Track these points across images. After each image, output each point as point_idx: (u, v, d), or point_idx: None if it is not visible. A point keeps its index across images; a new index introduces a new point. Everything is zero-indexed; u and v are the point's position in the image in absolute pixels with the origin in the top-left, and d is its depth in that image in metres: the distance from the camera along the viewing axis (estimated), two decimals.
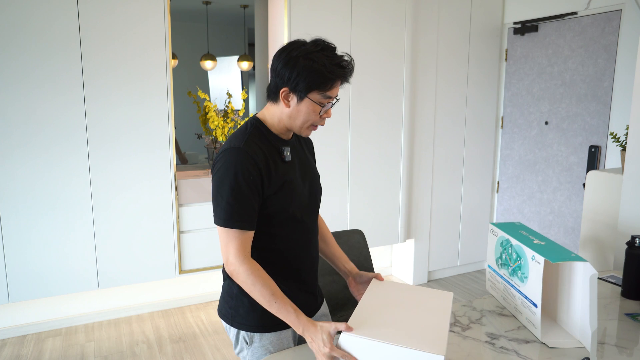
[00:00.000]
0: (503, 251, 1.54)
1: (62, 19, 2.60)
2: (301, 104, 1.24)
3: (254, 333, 1.32)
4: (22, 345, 2.84)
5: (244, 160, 1.20)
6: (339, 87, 1.26)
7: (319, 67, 1.19)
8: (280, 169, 1.28)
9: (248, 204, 1.21)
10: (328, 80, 1.21)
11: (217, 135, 3.22)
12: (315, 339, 1.16)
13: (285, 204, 1.28)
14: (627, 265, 1.63)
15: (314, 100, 1.23)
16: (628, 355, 1.27)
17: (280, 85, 1.24)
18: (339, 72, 1.22)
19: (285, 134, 1.33)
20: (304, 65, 1.20)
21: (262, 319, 1.30)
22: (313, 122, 1.27)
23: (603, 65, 3.15)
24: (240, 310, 1.32)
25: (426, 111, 3.63)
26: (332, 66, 1.20)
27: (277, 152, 1.30)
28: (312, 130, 1.31)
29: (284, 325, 1.31)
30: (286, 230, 1.31)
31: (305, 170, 1.39)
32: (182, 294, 3.41)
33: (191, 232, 3.07)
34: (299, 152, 1.39)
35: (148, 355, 2.76)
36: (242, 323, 1.33)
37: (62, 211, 2.72)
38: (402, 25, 3.42)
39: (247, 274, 1.21)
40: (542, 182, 3.63)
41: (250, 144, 1.23)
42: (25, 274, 2.69)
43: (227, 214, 1.20)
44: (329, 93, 1.23)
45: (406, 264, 3.85)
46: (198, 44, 6.46)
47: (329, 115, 1.29)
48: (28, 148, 2.62)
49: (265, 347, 1.32)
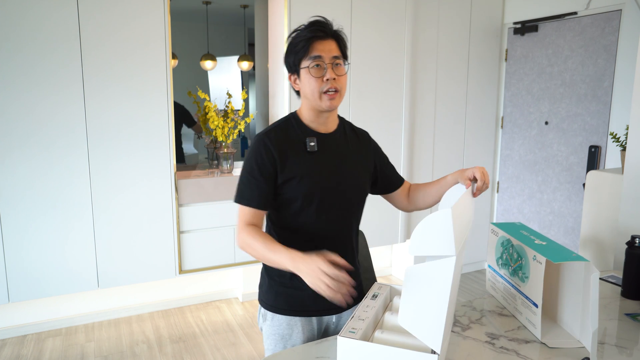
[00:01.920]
0: (504, 251, 1.54)
1: (62, 19, 2.60)
2: (301, 78, 1.33)
3: (267, 311, 1.41)
4: (22, 345, 2.84)
5: (260, 147, 1.32)
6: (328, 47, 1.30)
7: (294, 37, 1.33)
8: (302, 159, 1.34)
9: (258, 185, 1.31)
10: (302, 42, 1.29)
11: (217, 135, 3.22)
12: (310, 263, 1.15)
13: (302, 192, 1.33)
14: (627, 265, 1.62)
15: (305, 67, 1.30)
16: (628, 355, 1.27)
17: (288, 75, 1.37)
18: (310, 30, 1.29)
19: (319, 123, 1.38)
20: (287, 46, 1.35)
21: (277, 301, 1.40)
22: (319, 89, 1.30)
23: (603, 65, 3.15)
24: (263, 287, 1.45)
25: (426, 111, 3.63)
26: (303, 31, 1.31)
27: (302, 142, 1.36)
28: (331, 98, 1.31)
29: (295, 312, 1.39)
30: (308, 217, 1.36)
31: (340, 162, 1.40)
32: (182, 294, 3.41)
33: (191, 232, 3.07)
34: (340, 146, 1.41)
35: (148, 355, 2.76)
36: (262, 299, 1.44)
37: (62, 211, 2.72)
38: (402, 25, 3.42)
39: (245, 236, 1.29)
40: (542, 182, 3.63)
41: (271, 133, 1.34)
42: (25, 274, 2.69)
43: (239, 192, 1.34)
44: (312, 54, 1.29)
45: (406, 264, 3.85)
46: (198, 44, 6.46)
47: (332, 75, 1.30)
48: (28, 148, 2.62)
49: (275, 327, 1.40)
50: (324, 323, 1.45)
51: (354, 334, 1.15)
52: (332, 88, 1.30)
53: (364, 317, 1.21)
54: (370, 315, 1.22)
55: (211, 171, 3.32)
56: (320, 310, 1.41)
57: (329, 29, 1.33)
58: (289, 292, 1.39)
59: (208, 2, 5.36)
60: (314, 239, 1.37)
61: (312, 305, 1.39)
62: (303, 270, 1.17)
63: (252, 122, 3.92)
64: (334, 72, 1.30)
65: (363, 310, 1.25)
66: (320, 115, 1.37)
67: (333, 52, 1.31)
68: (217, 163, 3.42)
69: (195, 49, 6.36)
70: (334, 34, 1.34)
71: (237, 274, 3.53)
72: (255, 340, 2.95)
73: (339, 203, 1.40)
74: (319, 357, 1.25)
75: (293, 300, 1.39)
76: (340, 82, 1.33)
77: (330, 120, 1.40)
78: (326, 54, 1.30)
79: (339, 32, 1.36)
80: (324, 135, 1.39)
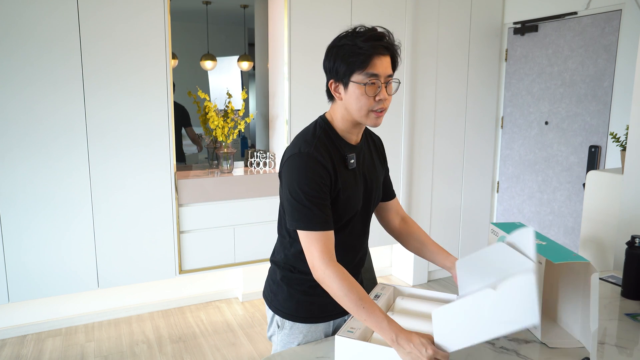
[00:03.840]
0: None
1: (62, 19, 2.60)
2: (348, 90, 1.22)
3: (285, 320, 1.36)
4: (22, 345, 2.84)
5: (315, 166, 1.21)
6: (385, 64, 1.21)
7: (350, 47, 1.18)
8: (343, 175, 1.27)
9: (325, 206, 1.22)
10: (361, 56, 1.17)
11: (217, 135, 3.22)
12: (414, 343, 1.09)
13: (341, 210, 1.27)
14: (627, 265, 1.62)
15: (358, 82, 1.19)
16: (628, 355, 1.27)
17: (328, 79, 1.26)
18: (370, 44, 1.17)
19: (352, 134, 1.31)
20: (337, 50, 1.21)
21: (298, 310, 1.35)
22: (368, 107, 1.22)
23: (603, 65, 3.15)
24: (279, 296, 1.38)
25: (426, 111, 3.63)
26: (362, 42, 1.18)
27: (342, 158, 1.28)
28: (377, 116, 1.24)
29: (317, 319, 1.36)
30: (342, 233, 1.31)
31: (369, 176, 1.37)
32: (182, 294, 3.41)
33: (191, 232, 3.07)
34: (365, 158, 1.37)
35: (148, 355, 2.76)
36: (278, 308, 1.38)
37: (61, 211, 2.72)
38: (402, 25, 3.42)
39: (332, 278, 1.18)
40: (542, 182, 3.63)
41: (319, 149, 1.23)
42: (25, 274, 2.69)
43: (306, 218, 1.21)
44: (369, 71, 1.18)
45: (406, 264, 3.85)
46: (198, 44, 6.46)
47: (385, 96, 1.22)
48: (27, 148, 2.61)
49: (295, 335, 1.36)
50: (337, 323, 1.43)
51: (351, 334, 1.15)
52: (382, 108, 1.23)
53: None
54: None
55: (211, 171, 3.32)
56: (339, 313, 1.38)
57: (390, 45, 1.22)
58: (311, 300, 1.35)
59: (208, 2, 5.36)
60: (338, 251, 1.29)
61: (333, 309, 1.33)
62: (403, 343, 1.09)
63: (252, 122, 3.91)
64: (386, 92, 1.23)
65: None
66: (356, 127, 1.30)
67: (388, 70, 1.22)
68: (217, 163, 3.42)
69: (195, 49, 6.36)
70: (392, 49, 1.24)
71: (237, 274, 3.53)
72: (255, 340, 2.95)
73: (367, 215, 1.39)
74: (319, 357, 1.26)
75: (315, 307, 1.35)
76: (389, 102, 1.26)
77: (360, 131, 1.34)
78: (383, 72, 1.20)
79: (396, 48, 1.26)
80: (356, 148, 1.33)
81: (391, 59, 1.24)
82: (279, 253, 1.39)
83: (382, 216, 1.55)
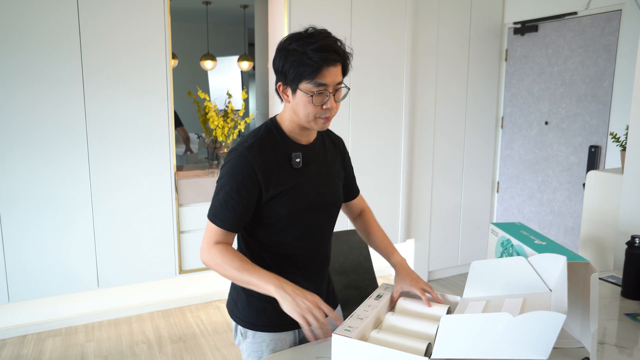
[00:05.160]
0: (504, 251, 1.54)
1: (62, 19, 2.60)
2: (296, 96, 1.20)
3: (247, 329, 1.34)
4: (22, 345, 2.84)
5: (242, 164, 1.21)
6: (335, 73, 1.18)
7: (300, 54, 1.14)
8: (287, 174, 1.26)
9: (235, 207, 1.22)
10: (310, 67, 1.14)
11: (217, 135, 3.22)
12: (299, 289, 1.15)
13: (288, 209, 1.26)
14: (627, 265, 1.62)
15: (305, 91, 1.17)
16: (628, 355, 1.27)
17: (276, 80, 1.24)
18: (320, 56, 1.14)
19: (301, 135, 1.30)
20: (286, 54, 1.17)
21: (257, 317, 1.32)
22: (315, 114, 1.20)
23: (603, 65, 3.15)
24: (239, 304, 1.36)
25: (426, 111, 3.63)
26: (313, 52, 1.14)
27: (287, 157, 1.27)
28: (324, 121, 1.23)
29: (278, 328, 1.32)
30: (290, 235, 1.30)
31: (321, 176, 1.34)
32: (182, 294, 3.41)
33: (191, 232, 3.07)
34: (319, 158, 1.35)
35: (148, 355, 2.76)
36: (239, 317, 1.35)
37: (62, 211, 2.72)
38: (402, 25, 3.42)
39: (214, 254, 1.22)
40: (542, 182, 3.64)
41: (254, 148, 1.23)
42: (25, 274, 2.69)
43: (213, 209, 1.24)
44: (318, 80, 1.16)
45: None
46: (198, 44, 6.46)
47: (332, 105, 1.20)
48: (27, 147, 2.62)
49: (259, 344, 1.33)
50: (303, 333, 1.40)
51: (348, 332, 1.15)
52: (327, 116, 1.22)
53: (363, 317, 1.21)
54: (370, 315, 1.22)
55: (211, 171, 3.32)
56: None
57: (341, 53, 1.19)
58: (270, 307, 1.29)
59: (208, 2, 5.36)
60: (293, 255, 1.32)
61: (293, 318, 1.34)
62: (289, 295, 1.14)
63: (252, 122, 3.92)
64: (334, 100, 1.21)
65: (364, 310, 1.25)
66: (305, 129, 1.29)
67: (338, 77, 1.20)
68: (217, 163, 3.42)
69: (195, 49, 6.36)
70: (343, 56, 1.21)
71: None
72: None
73: (322, 217, 1.36)
74: (319, 357, 1.26)
75: (275, 315, 1.28)
76: (337, 108, 1.24)
77: (313, 132, 1.33)
78: (331, 81, 1.18)
79: (347, 53, 1.23)
80: (306, 148, 1.31)
81: (342, 65, 1.22)
82: None
83: (346, 211, 1.57)
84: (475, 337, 1.03)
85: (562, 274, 1.15)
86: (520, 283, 1.25)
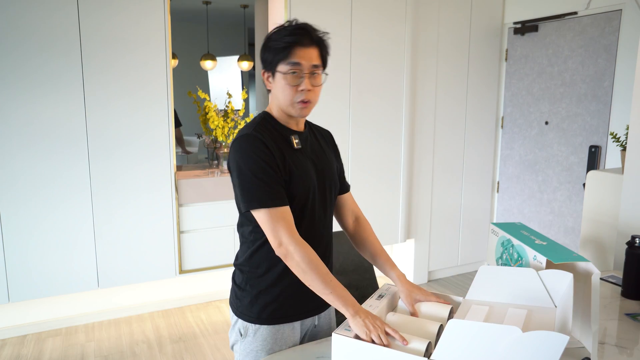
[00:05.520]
0: (504, 251, 1.54)
1: (62, 19, 2.60)
2: (275, 80, 1.28)
3: (249, 325, 1.33)
4: (22, 345, 2.84)
5: (258, 143, 1.24)
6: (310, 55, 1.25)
7: (277, 41, 1.26)
8: (291, 156, 1.29)
9: (276, 181, 1.23)
10: (284, 49, 1.24)
11: (217, 135, 3.22)
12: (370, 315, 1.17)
13: (296, 192, 1.28)
14: (627, 265, 1.63)
15: (281, 72, 1.25)
16: (628, 355, 1.27)
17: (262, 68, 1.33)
18: (292, 37, 1.24)
19: (290, 123, 1.34)
20: (267, 43, 1.28)
21: (262, 312, 1.33)
22: (292, 97, 1.26)
23: (603, 65, 3.15)
24: (244, 300, 1.35)
25: (426, 111, 3.63)
26: (286, 35, 1.25)
27: (286, 140, 1.31)
28: (302, 107, 1.28)
29: (281, 319, 1.33)
30: (301, 216, 1.31)
31: (319, 159, 1.38)
32: (182, 294, 3.41)
33: (191, 232, 3.07)
34: (311, 142, 1.39)
35: (148, 355, 2.76)
36: (244, 313, 1.35)
37: (62, 210, 2.72)
38: (403, 25, 3.42)
39: (300, 252, 1.20)
40: (542, 182, 3.64)
41: (258, 131, 1.27)
42: (25, 274, 2.69)
43: (261, 195, 1.21)
44: (292, 60, 1.23)
45: (406, 264, 3.85)
46: (198, 44, 6.46)
47: (307, 86, 1.25)
48: (27, 147, 2.61)
49: (258, 342, 1.33)
50: (307, 326, 1.41)
51: (349, 332, 1.15)
52: (305, 99, 1.26)
53: None
54: None
55: (211, 171, 3.32)
56: (307, 312, 1.38)
57: (314, 36, 1.27)
58: (274, 299, 1.33)
59: (208, 2, 5.36)
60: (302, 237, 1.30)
61: (300, 308, 1.35)
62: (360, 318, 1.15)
63: None
64: (310, 83, 1.26)
65: None
66: (292, 117, 1.33)
67: (314, 60, 1.26)
68: (217, 163, 3.42)
69: (195, 49, 6.36)
70: (318, 41, 1.28)
71: None
72: None
73: (325, 200, 1.38)
74: (319, 357, 1.26)
75: (279, 305, 1.33)
76: (315, 93, 1.29)
77: (301, 120, 1.38)
78: (306, 62, 1.25)
79: (324, 40, 1.30)
80: (300, 133, 1.36)
81: (319, 50, 1.29)
82: (242, 255, 1.37)
83: (336, 211, 1.54)
84: (478, 345, 1.03)
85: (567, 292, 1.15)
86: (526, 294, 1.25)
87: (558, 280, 1.21)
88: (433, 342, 1.14)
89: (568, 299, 1.13)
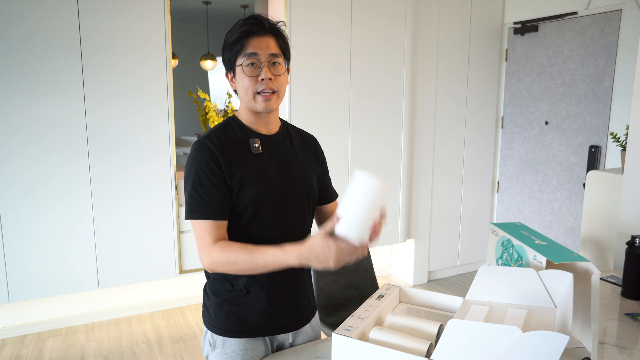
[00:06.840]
0: (504, 251, 1.54)
1: (62, 20, 2.60)
2: (236, 76, 1.25)
3: (217, 337, 1.29)
4: (22, 345, 2.84)
5: (204, 152, 1.21)
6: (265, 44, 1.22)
7: (230, 34, 1.25)
8: (247, 160, 1.24)
9: (211, 194, 1.19)
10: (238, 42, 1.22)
11: None
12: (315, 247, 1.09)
13: (249, 198, 1.22)
14: (627, 265, 1.63)
15: (241, 65, 1.22)
16: (628, 355, 1.27)
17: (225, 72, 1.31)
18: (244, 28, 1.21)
19: (258, 124, 1.29)
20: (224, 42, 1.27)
21: (227, 322, 1.27)
22: (253, 89, 1.22)
23: (603, 65, 3.15)
24: (211, 309, 1.31)
25: (426, 111, 3.63)
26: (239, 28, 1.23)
27: (245, 144, 1.26)
28: (266, 99, 1.23)
29: (248, 333, 1.27)
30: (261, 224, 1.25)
31: (287, 164, 1.31)
32: (182, 294, 3.41)
33: (191, 232, 3.07)
34: (282, 146, 1.32)
35: (148, 355, 2.76)
36: (210, 323, 1.30)
37: (62, 210, 2.72)
38: (402, 25, 3.42)
39: (218, 254, 1.16)
40: (542, 182, 3.64)
41: (211, 138, 1.23)
42: (25, 274, 2.69)
43: (191, 206, 1.20)
44: (247, 50, 1.21)
45: (406, 264, 3.85)
46: (198, 44, 6.46)
47: (267, 75, 1.21)
48: (27, 147, 2.61)
49: (229, 354, 1.27)
50: (278, 341, 1.35)
51: (349, 332, 1.15)
52: (267, 89, 1.21)
53: (363, 317, 1.20)
54: (371, 315, 1.22)
55: None
56: (278, 328, 1.31)
57: (266, 23, 1.24)
58: (241, 312, 1.27)
59: (208, 2, 5.36)
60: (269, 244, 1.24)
61: (267, 324, 1.29)
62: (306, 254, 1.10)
63: None
64: (270, 72, 1.22)
65: (364, 310, 1.25)
66: (259, 117, 1.28)
67: (271, 49, 1.22)
68: None
69: (195, 49, 6.36)
70: (272, 29, 1.24)
71: None
72: None
73: (291, 207, 1.30)
74: (319, 357, 1.26)
75: (246, 320, 1.27)
76: (278, 82, 1.24)
77: (271, 121, 1.31)
78: (262, 51, 1.21)
79: (278, 28, 1.26)
80: (266, 137, 1.29)
81: (276, 39, 1.26)
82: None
83: (318, 220, 1.46)
84: (478, 345, 1.03)
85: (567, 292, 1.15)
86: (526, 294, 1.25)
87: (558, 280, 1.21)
88: (433, 343, 1.14)
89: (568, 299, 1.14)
